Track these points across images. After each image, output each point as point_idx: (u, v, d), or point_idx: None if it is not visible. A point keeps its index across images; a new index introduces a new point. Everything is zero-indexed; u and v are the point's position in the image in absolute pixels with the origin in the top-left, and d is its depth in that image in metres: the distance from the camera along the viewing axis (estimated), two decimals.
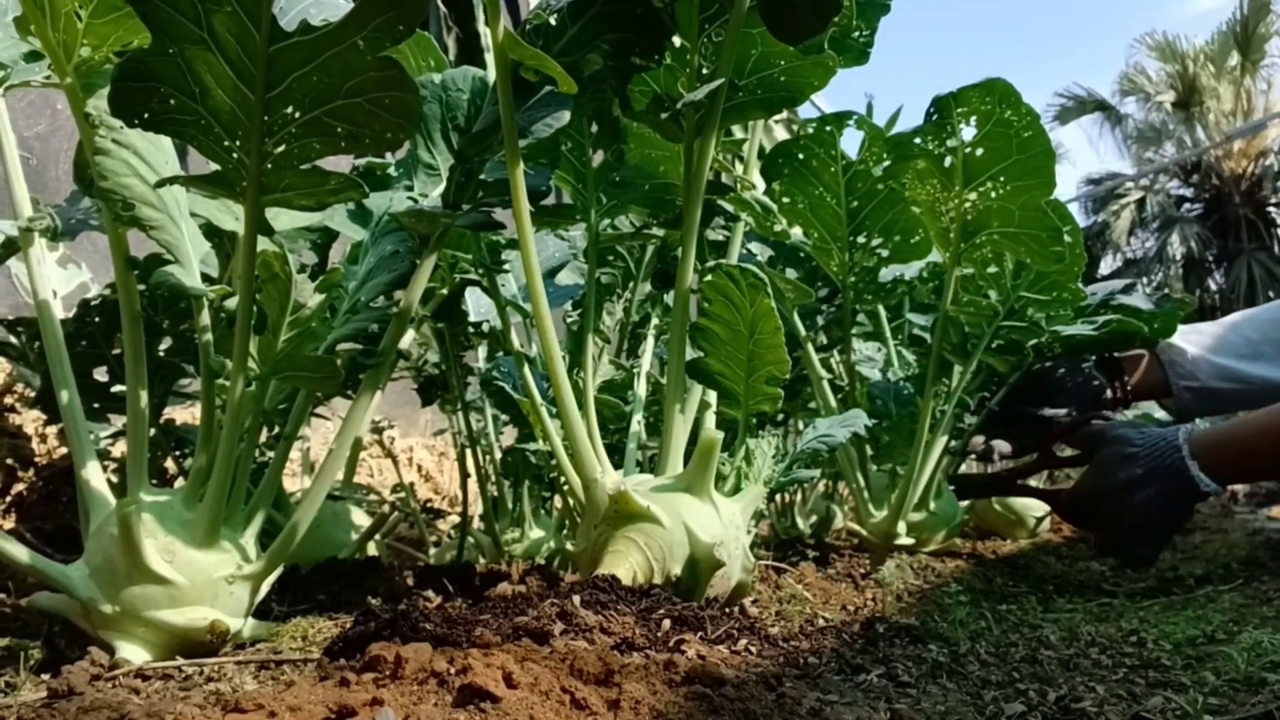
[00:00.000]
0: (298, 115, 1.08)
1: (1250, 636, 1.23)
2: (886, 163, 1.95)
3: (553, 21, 1.32)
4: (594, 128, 1.55)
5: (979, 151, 1.77)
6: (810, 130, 1.98)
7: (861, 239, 2.10)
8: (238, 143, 1.10)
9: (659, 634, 0.97)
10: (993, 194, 1.81)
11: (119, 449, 1.84)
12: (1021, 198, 1.80)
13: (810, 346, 2.23)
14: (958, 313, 2.17)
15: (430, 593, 1.50)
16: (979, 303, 2.13)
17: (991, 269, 2.10)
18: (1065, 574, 2.20)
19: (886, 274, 2.21)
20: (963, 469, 2.60)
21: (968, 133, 1.76)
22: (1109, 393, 2.33)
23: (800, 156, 2.01)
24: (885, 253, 2.12)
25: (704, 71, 1.43)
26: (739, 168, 1.78)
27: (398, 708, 0.69)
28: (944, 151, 1.81)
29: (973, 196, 1.84)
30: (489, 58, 1.37)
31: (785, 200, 2.06)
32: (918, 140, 1.82)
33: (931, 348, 2.05)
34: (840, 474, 2.66)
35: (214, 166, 1.14)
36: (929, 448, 2.11)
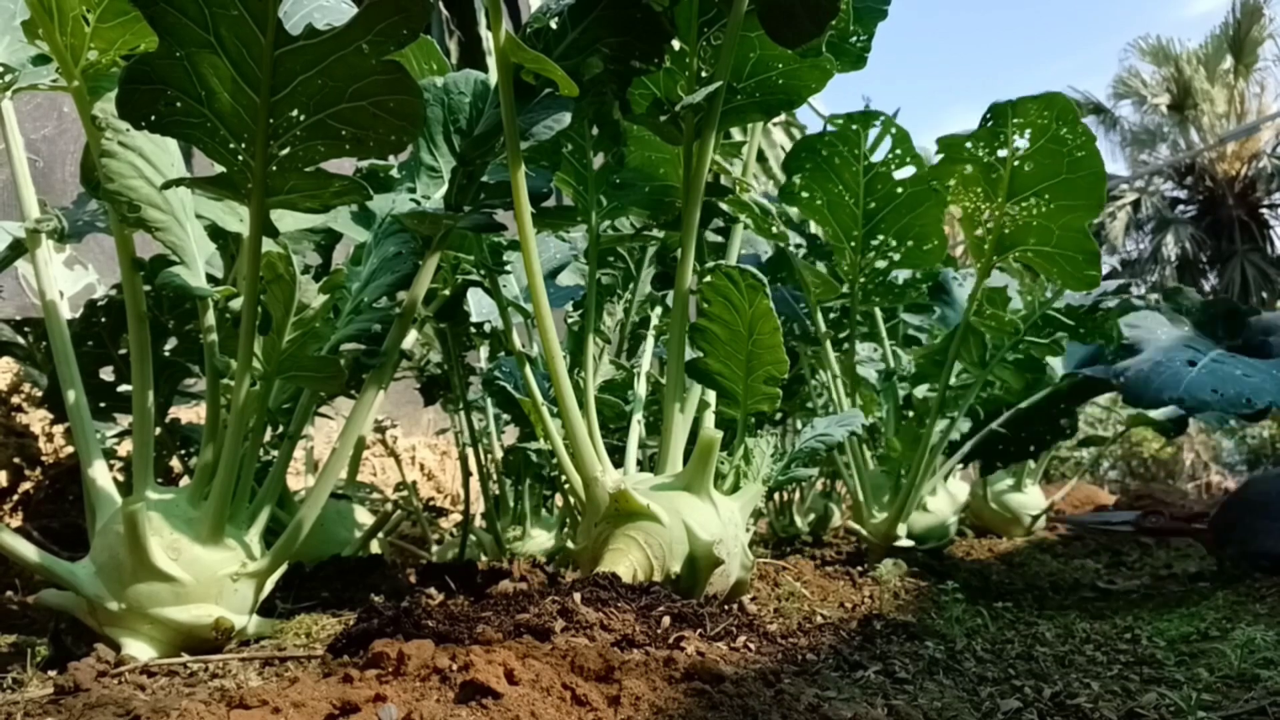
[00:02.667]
0: (302, 118, 1.09)
1: (1243, 634, 1.24)
2: (909, 168, 1.93)
3: (553, 25, 1.33)
4: (594, 131, 1.56)
5: (1028, 166, 1.76)
6: (835, 127, 1.97)
7: (875, 241, 2.09)
8: (243, 145, 1.11)
9: (659, 631, 0.98)
10: (1035, 210, 1.79)
11: (125, 448, 1.85)
12: (1064, 218, 1.78)
13: (828, 344, 2.22)
14: (980, 324, 2.16)
15: (433, 590, 1.51)
16: (1001, 316, 2.11)
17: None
18: (1060, 572, 2.21)
19: (895, 277, 2.20)
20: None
21: (1020, 144, 1.74)
22: None
23: (824, 153, 2.00)
24: (897, 256, 2.11)
25: (703, 75, 1.45)
26: (738, 169, 1.80)
27: (400, 704, 0.70)
28: (994, 160, 1.78)
29: (1013, 210, 1.82)
30: (491, 61, 1.39)
31: (804, 195, 2.04)
32: (969, 144, 1.80)
33: (947, 356, 2.04)
34: (838, 472, 2.67)
35: (219, 169, 1.16)
36: (934, 454, 2.11)
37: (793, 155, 2.01)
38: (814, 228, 2.19)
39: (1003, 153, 1.78)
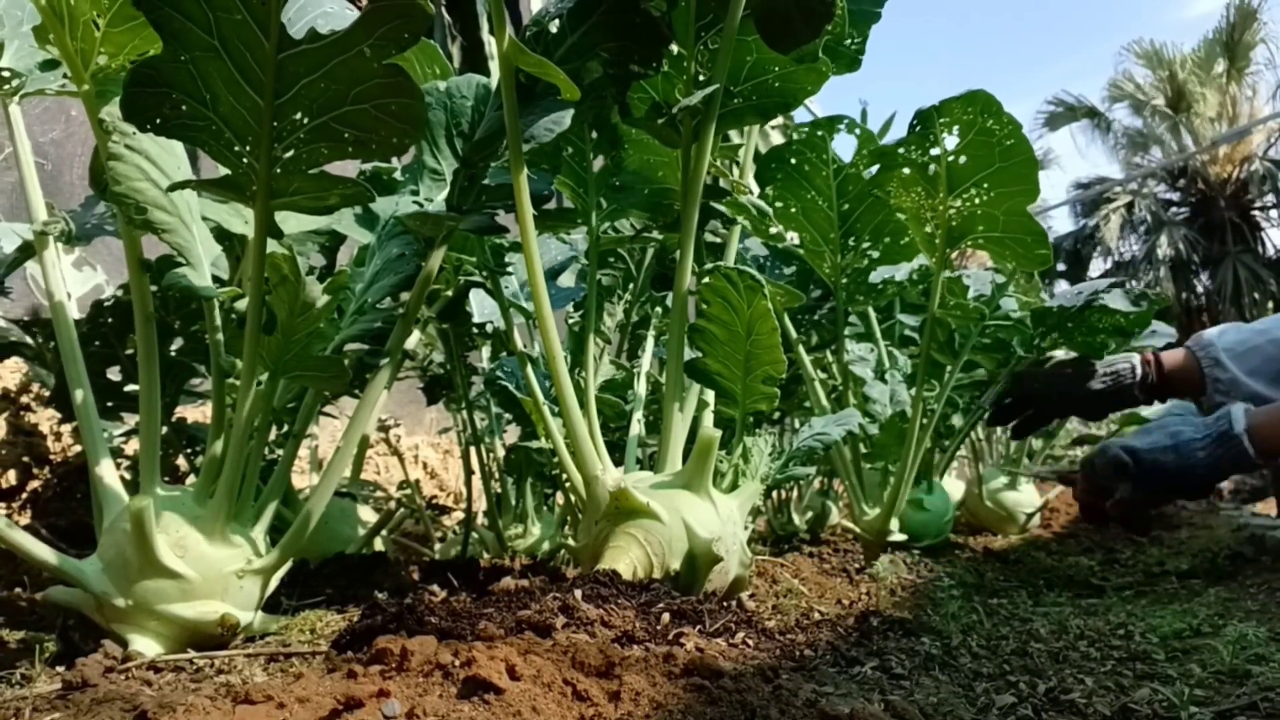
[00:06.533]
0: (306, 121, 1.10)
1: (1235, 630, 1.26)
2: (876, 167, 1.97)
3: (553, 29, 1.34)
4: (594, 134, 1.58)
5: (962, 159, 1.79)
6: (802, 135, 2.00)
7: (852, 241, 2.12)
8: (248, 148, 1.13)
9: (658, 627, 0.99)
10: (977, 200, 1.83)
11: (132, 447, 1.87)
12: (1006, 204, 1.82)
13: (802, 349, 2.25)
14: (945, 315, 2.20)
15: (435, 587, 1.52)
16: (965, 305, 2.15)
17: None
18: (1055, 569, 2.22)
19: (876, 276, 2.23)
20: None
21: (951, 142, 1.78)
22: (1138, 382, 2.25)
23: (793, 161, 2.03)
24: (876, 254, 2.14)
25: (700, 78, 1.46)
26: (735, 172, 1.81)
27: (403, 699, 0.70)
28: (928, 160, 1.83)
29: (957, 203, 1.86)
30: (493, 65, 1.40)
31: (778, 204, 2.08)
32: (901, 150, 1.84)
33: (920, 349, 2.07)
34: (835, 471, 2.69)
35: (224, 171, 1.17)
36: (919, 445, 2.13)
37: (763, 167, 2.04)
38: (792, 237, 2.21)
39: (935, 151, 1.81)
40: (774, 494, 2.91)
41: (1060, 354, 2.43)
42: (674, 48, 1.44)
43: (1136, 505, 1.89)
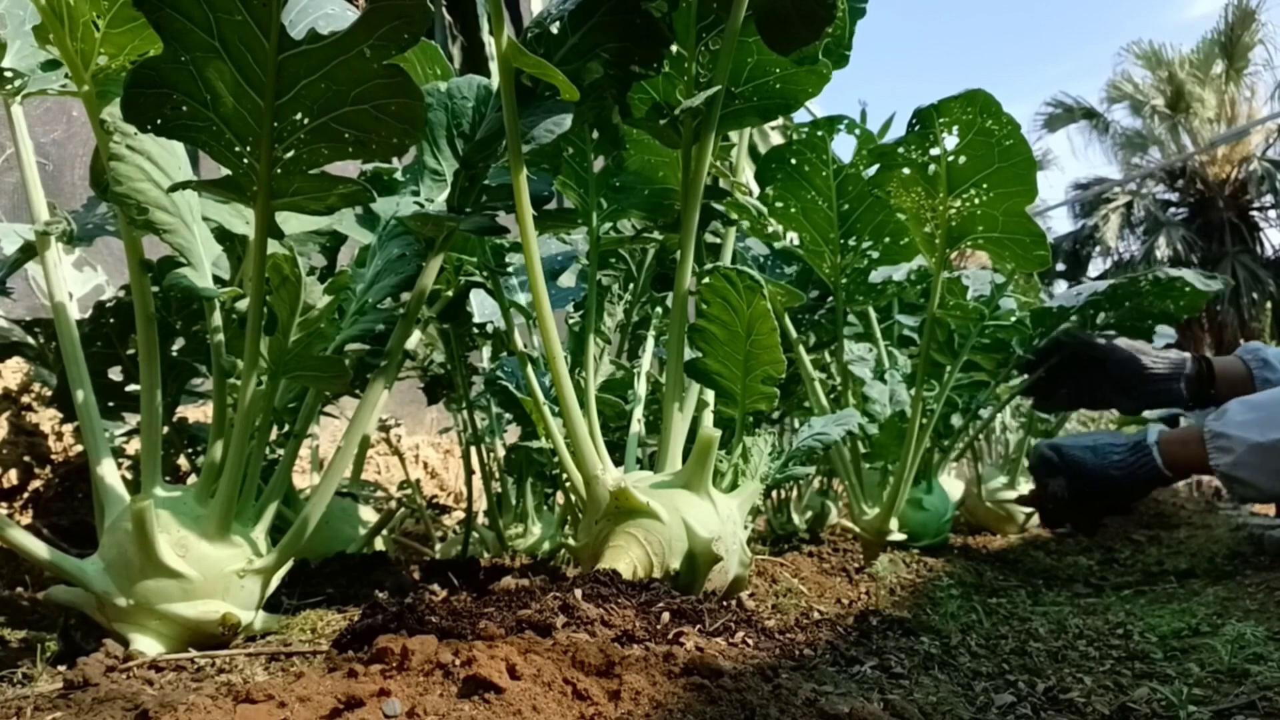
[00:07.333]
0: (306, 121, 1.10)
1: (1234, 629, 1.26)
2: (876, 167, 1.97)
3: (554, 30, 1.34)
4: (595, 134, 1.57)
5: (962, 159, 1.79)
6: (802, 135, 2.01)
7: (852, 241, 2.13)
8: (248, 148, 1.13)
9: (658, 626, 0.99)
10: (976, 200, 1.83)
11: (133, 446, 1.87)
12: (1005, 204, 1.82)
13: (802, 349, 2.26)
14: (944, 315, 2.20)
15: (436, 586, 1.53)
16: (964, 305, 2.16)
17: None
18: (1054, 568, 2.23)
19: (876, 276, 2.24)
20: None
21: (950, 142, 1.78)
22: (1188, 375, 2.31)
23: (793, 161, 2.03)
24: (875, 254, 2.14)
25: (701, 79, 1.46)
26: (733, 172, 1.81)
27: (404, 698, 0.70)
28: (927, 160, 1.83)
29: (957, 203, 1.86)
30: (493, 66, 1.40)
31: (778, 204, 2.08)
32: (901, 150, 1.84)
33: (920, 349, 2.08)
34: (835, 471, 2.69)
35: (225, 171, 1.17)
36: (918, 445, 2.14)
37: (763, 167, 2.04)
38: (791, 237, 2.22)
39: (935, 151, 1.81)
40: (774, 493, 2.91)
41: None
42: (675, 49, 1.44)
43: (1075, 497, 2.14)
